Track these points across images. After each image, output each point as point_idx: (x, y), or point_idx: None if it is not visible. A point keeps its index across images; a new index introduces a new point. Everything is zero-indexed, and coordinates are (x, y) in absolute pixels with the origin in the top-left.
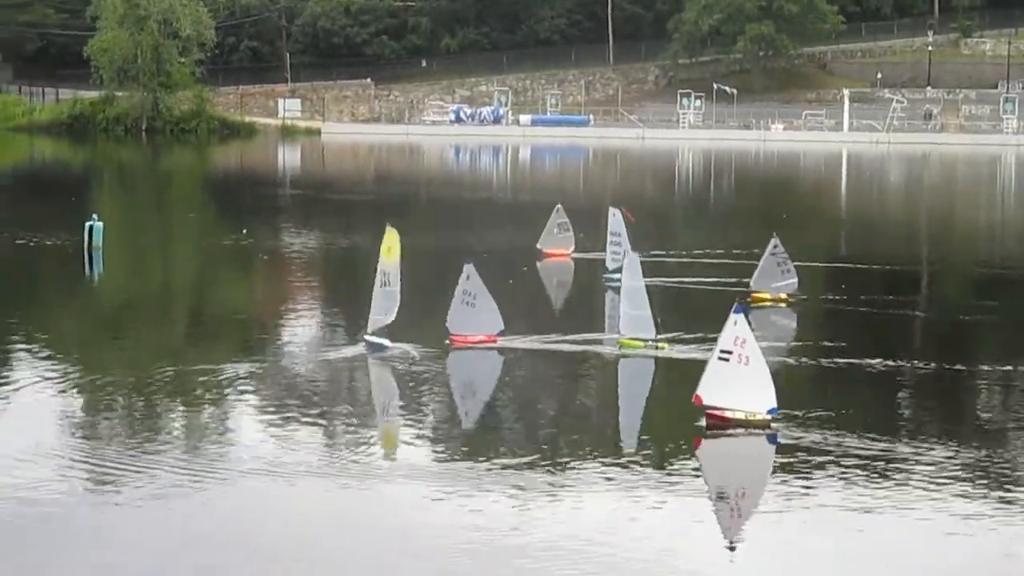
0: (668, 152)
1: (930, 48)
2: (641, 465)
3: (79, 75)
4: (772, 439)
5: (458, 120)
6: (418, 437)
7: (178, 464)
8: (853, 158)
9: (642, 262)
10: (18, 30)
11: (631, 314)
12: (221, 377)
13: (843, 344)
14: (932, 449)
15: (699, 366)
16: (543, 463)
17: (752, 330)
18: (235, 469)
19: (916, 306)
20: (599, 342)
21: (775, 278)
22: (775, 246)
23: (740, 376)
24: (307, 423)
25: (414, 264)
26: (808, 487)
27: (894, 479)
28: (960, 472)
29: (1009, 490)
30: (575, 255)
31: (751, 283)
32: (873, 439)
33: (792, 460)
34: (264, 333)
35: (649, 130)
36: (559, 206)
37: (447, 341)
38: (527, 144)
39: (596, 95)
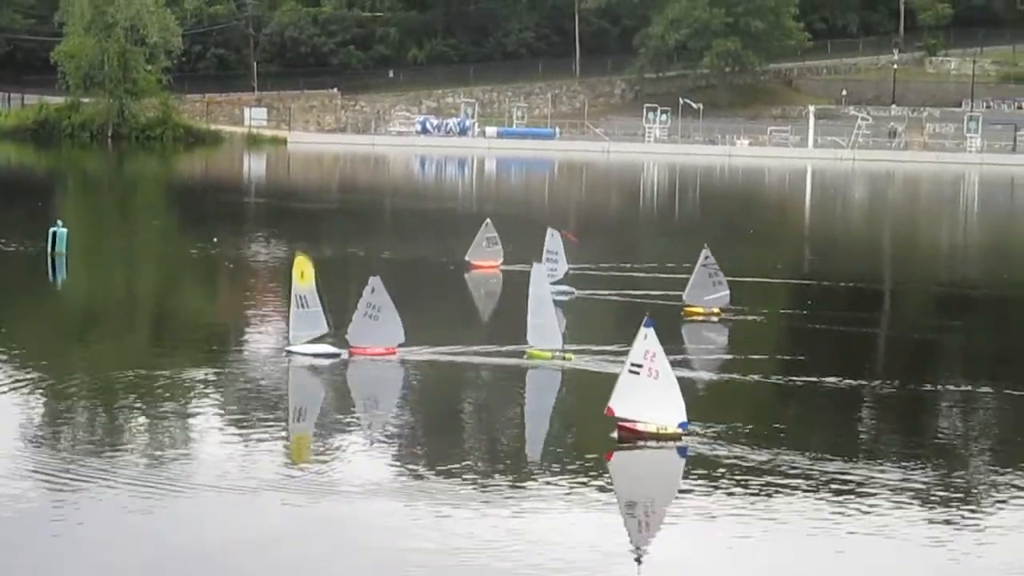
0: (633, 166)
1: (895, 66)
2: (552, 476)
3: (45, 80)
4: (683, 452)
5: (424, 131)
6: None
7: (140, 477)
8: (817, 174)
9: (595, 275)
10: None
11: (536, 324)
12: (182, 384)
13: (772, 358)
14: (849, 464)
15: (605, 378)
16: (460, 475)
17: (681, 343)
18: (197, 483)
19: (867, 323)
20: (517, 354)
21: (707, 290)
22: (706, 257)
23: (650, 389)
24: (266, 434)
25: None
26: (716, 501)
27: (802, 492)
28: (871, 487)
29: (910, 506)
30: (503, 267)
31: (684, 296)
32: (785, 453)
33: (701, 473)
34: (225, 340)
35: (615, 144)
36: (488, 220)
37: (347, 352)
38: (493, 156)
39: (563, 108)
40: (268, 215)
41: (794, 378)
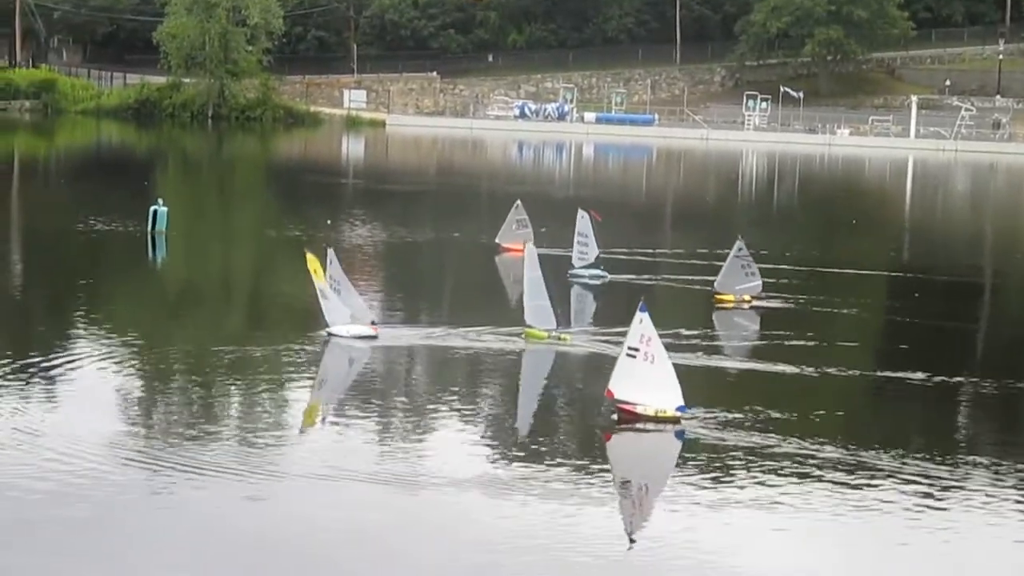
0: (732, 154)
1: (1000, 56)
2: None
3: (147, 60)
4: (680, 435)
5: (522, 116)
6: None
7: (231, 461)
8: (919, 165)
9: (671, 262)
10: (89, 14)
11: (531, 305)
12: (277, 364)
13: (805, 345)
14: (846, 450)
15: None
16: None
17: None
18: (288, 470)
19: (952, 316)
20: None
21: (739, 280)
22: (739, 249)
23: (647, 373)
24: (358, 421)
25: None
26: (714, 483)
27: (799, 474)
28: (858, 470)
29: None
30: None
31: (715, 284)
32: (783, 439)
33: (700, 456)
34: (318, 322)
35: (713, 131)
36: (518, 202)
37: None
38: (591, 142)
39: (662, 95)
40: (366, 197)
41: (809, 368)
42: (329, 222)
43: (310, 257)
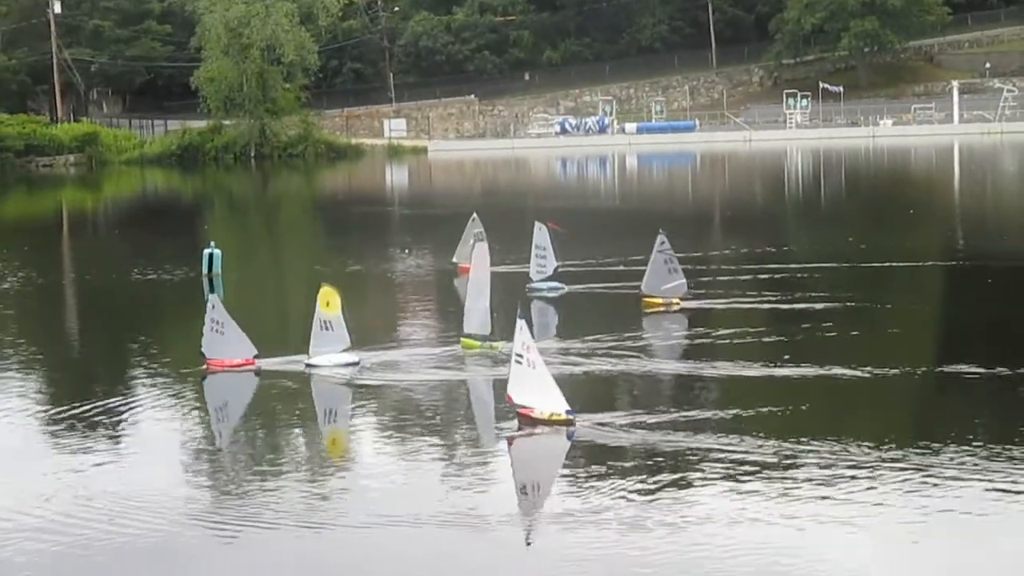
0: (776, 153)
1: None
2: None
3: (186, 106)
4: (571, 436)
5: (563, 132)
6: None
7: (295, 504)
8: (965, 150)
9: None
10: (125, 65)
11: (470, 307)
12: (339, 401)
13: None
14: (734, 444)
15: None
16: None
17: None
18: (351, 512)
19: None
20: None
21: (663, 278)
22: (662, 243)
23: (533, 378)
24: (421, 460)
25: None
26: (602, 484)
27: (682, 472)
28: (759, 469)
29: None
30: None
31: (641, 287)
32: (672, 436)
33: (591, 457)
34: (378, 355)
35: (756, 132)
36: (475, 215)
37: (204, 366)
38: (633, 152)
39: (701, 99)
40: (413, 224)
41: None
42: (408, 251)
43: (326, 290)
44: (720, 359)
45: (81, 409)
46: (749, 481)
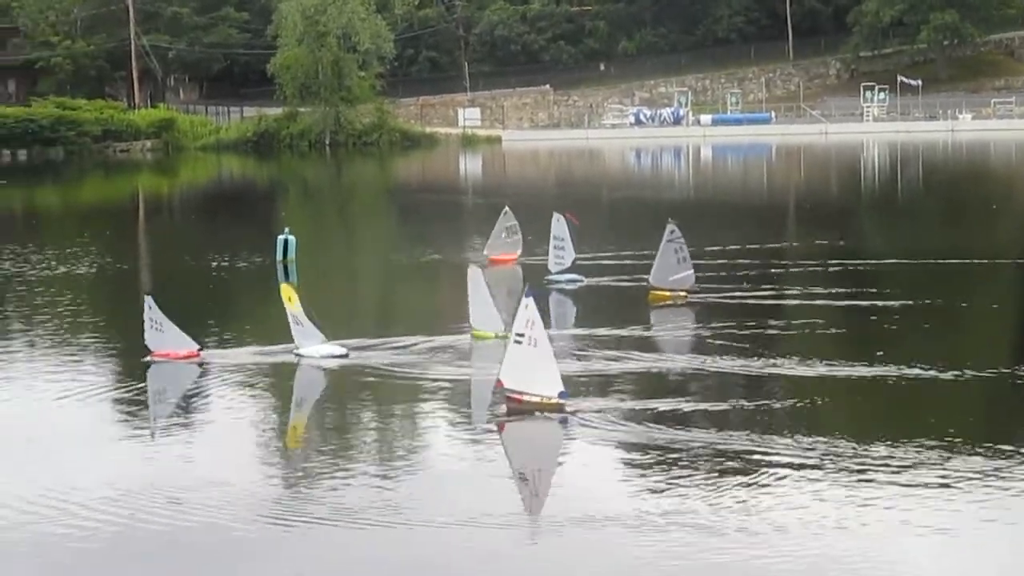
0: (853, 146)
1: None
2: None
3: (263, 93)
4: (563, 422)
5: (638, 122)
6: None
7: (364, 507)
8: None
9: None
10: (203, 52)
11: (476, 311)
12: (414, 390)
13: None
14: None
15: None
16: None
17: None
18: (422, 516)
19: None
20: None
21: (672, 269)
22: (672, 232)
23: (531, 358)
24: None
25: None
26: (594, 471)
27: (674, 462)
28: (739, 462)
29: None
30: (522, 260)
31: (650, 279)
32: (658, 429)
33: (579, 445)
34: (445, 343)
35: (832, 124)
36: (507, 208)
37: (149, 358)
38: (708, 144)
39: (777, 92)
40: (487, 214)
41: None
42: (530, 237)
43: (284, 287)
44: (786, 354)
45: (147, 396)
46: (787, 477)
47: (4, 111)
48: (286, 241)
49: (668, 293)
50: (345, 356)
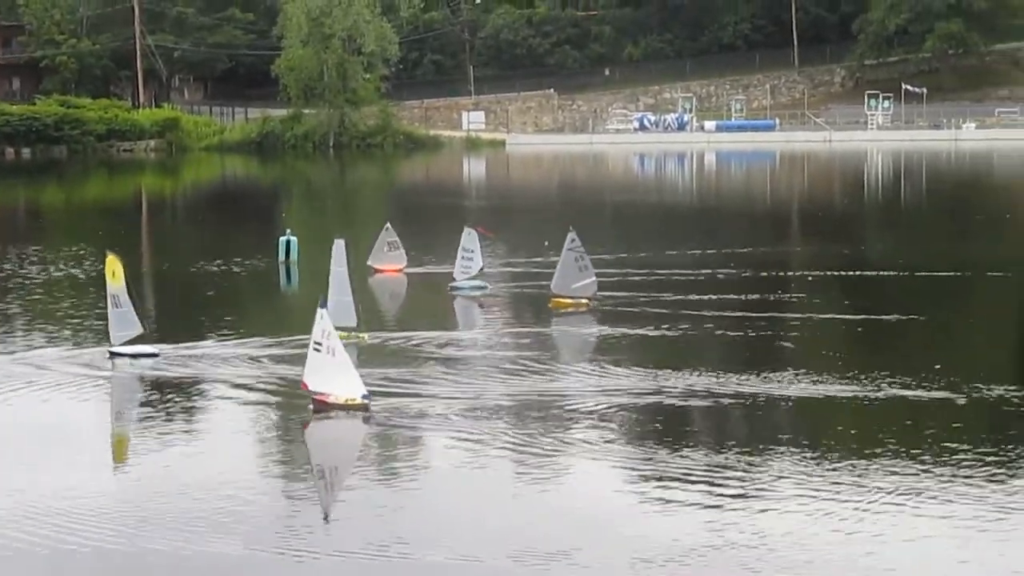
0: (856, 154)
1: None
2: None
3: (267, 94)
4: (368, 420)
5: (642, 128)
6: None
7: (369, 532)
8: None
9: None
10: (208, 52)
11: (335, 300)
12: (423, 402)
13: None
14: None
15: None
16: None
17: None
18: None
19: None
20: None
21: (573, 277)
22: (572, 240)
23: (332, 365)
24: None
25: None
26: (398, 463)
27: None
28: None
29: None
30: (407, 270)
31: (551, 286)
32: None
33: (383, 440)
34: (455, 349)
35: (836, 132)
36: (388, 225)
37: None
38: (712, 150)
39: (781, 99)
40: (490, 217)
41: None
42: (547, 243)
43: (111, 259)
44: (685, 362)
45: (155, 397)
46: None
47: (8, 109)
48: (288, 242)
49: (570, 301)
50: (156, 356)
